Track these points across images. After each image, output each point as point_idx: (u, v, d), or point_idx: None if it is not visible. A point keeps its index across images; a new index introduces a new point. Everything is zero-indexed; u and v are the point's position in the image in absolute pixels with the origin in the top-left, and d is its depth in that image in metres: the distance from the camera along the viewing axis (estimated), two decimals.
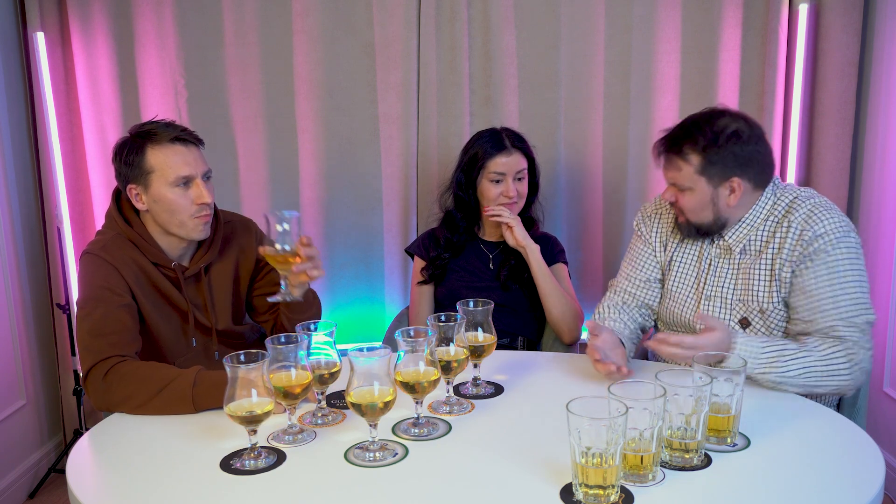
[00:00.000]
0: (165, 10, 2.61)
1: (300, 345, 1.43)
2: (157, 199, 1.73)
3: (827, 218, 1.70)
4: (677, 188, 1.78)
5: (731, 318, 1.81)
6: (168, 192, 1.71)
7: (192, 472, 1.34)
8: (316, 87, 2.66)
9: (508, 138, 2.21)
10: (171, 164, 1.71)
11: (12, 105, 2.63)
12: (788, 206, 1.77)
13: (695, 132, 1.73)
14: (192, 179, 1.73)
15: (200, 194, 1.73)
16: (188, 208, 1.73)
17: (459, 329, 1.51)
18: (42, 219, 2.78)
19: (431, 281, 2.30)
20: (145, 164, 1.72)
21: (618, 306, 1.97)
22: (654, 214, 2.00)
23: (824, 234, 1.68)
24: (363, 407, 1.31)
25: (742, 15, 2.60)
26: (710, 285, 1.84)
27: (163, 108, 2.66)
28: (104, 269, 1.72)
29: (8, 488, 2.57)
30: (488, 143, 2.21)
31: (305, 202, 2.74)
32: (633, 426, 1.20)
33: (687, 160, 1.73)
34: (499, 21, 2.60)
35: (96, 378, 1.60)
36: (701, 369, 1.31)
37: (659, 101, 2.69)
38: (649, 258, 1.97)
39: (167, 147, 1.71)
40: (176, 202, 1.72)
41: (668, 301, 1.93)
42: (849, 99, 2.56)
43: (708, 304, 1.84)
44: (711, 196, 1.74)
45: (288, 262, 1.67)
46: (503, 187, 2.19)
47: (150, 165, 1.71)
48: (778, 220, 1.77)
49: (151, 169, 1.71)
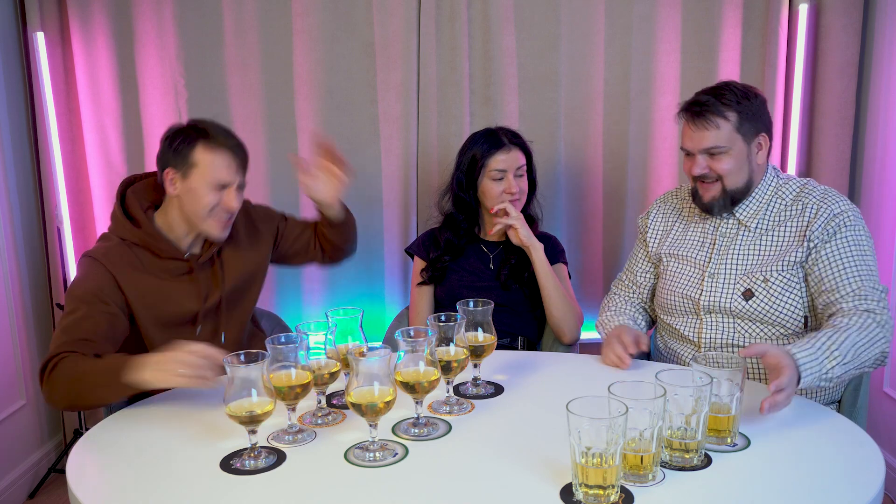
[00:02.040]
0: (165, 10, 2.61)
1: (300, 345, 1.43)
2: (191, 191, 1.79)
3: (842, 199, 1.82)
4: (710, 154, 1.82)
5: (734, 292, 1.85)
6: (203, 189, 1.78)
7: (192, 472, 1.34)
8: (316, 87, 2.66)
9: (505, 136, 2.22)
10: (216, 166, 1.78)
11: (12, 105, 2.63)
12: (799, 189, 1.87)
13: (724, 92, 1.81)
14: (229, 186, 1.80)
15: (230, 200, 1.81)
16: (215, 210, 1.81)
17: (459, 329, 1.51)
18: (42, 219, 2.78)
19: (431, 282, 2.30)
20: (192, 157, 1.78)
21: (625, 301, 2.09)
22: (654, 208, 2.10)
23: (842, 212, 1.78)
24: (363, 407, 1.31)
25: (742, 15, 2.60)
26: (715, 263, 1.89)
27: (163, 108, 2.66)
28: (100, 276, 1.75)
29: (8, 488, 2.57)
30: (486, 142, 2.21)
31: (305, 202, 2.74)
32: (633, 426, 1.20)
33: (725, 117, 1.80)
34: (499, 21, 2.60)
35: (45, 373, 1.61)
36: (701, 369, 1.32)
37: (659, 101, 2.69)
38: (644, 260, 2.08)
39: (218, 150, 1.79)
40: (206, 200, 1.79)
41: (670, 284, 1.96)
42: (849, 99, 2.56)
43: (711, 281, 1.88)
44: (747, 154, 1.83)
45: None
46: (505, 184, 2.19)
47: (196, 160, 1.78)
48: (789, 202, 1.86)
49: (196, 164, 1.78)
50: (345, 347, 1.53)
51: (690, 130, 1.84)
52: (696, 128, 1.82)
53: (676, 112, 1.90)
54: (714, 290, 1.87)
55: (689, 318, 1.92)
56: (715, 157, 1.83)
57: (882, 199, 2.50)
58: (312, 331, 1.51)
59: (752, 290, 1.83)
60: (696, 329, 1.90)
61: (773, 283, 1.81)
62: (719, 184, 1.85)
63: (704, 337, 1.88)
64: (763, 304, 1.82)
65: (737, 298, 1.84)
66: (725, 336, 1.87)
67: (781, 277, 1.81)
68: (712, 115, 1.80)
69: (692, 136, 1.84)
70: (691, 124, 1.84)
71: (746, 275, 1.85)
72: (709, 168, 1.84)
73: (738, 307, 1.84)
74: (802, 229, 1.81)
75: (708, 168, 1.84)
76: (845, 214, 1.78)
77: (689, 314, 1.92)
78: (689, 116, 1.84)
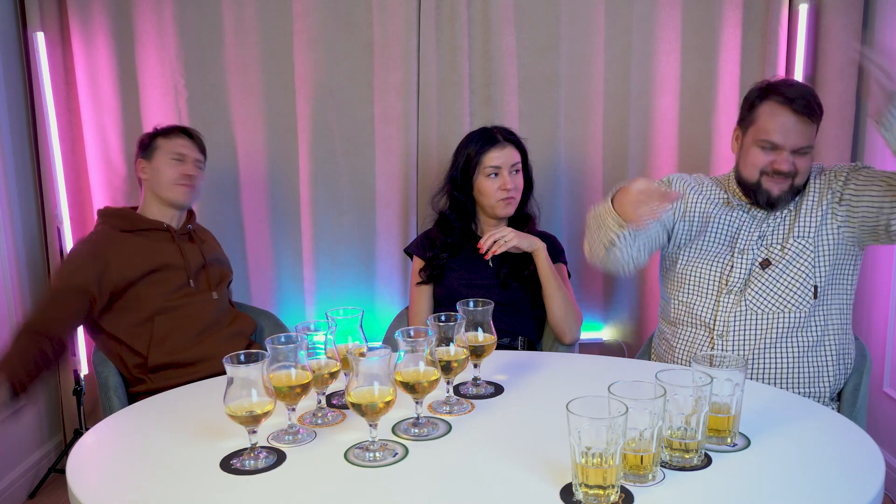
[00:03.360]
0: (165, 10, 2.61)
1: (300, 345, 1.43)
2: (156, 168, 2.21)
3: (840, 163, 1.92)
4: (799, 151, 1.82)
5: (754, 263, 1.89)
6: (165, 162, 2.21)
7: (192, 472, 1.34)
8: (316, 87, 2.66)
9: (500, 133, 2.23)
10: (173, 144, 2.23)
11: (12, 105, 2.63)
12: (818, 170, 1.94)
13: (806, 91, 1.82)
14: (186, 158, 2.22)
15: (188, 168, 2.22)
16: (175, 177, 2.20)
17: (459, 329, 1.51)
18: (42, 219, 2.78)
19: (430, 281, 2.29)
20: (154, 143, 2.23)
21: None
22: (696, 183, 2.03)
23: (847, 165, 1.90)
24: (363, 407, 1.31)
25: (742, 15, 2.60)
26: (743, 239, 1.91)
27: (163, 108, 2.66)
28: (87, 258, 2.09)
29: (8, 488, 2.57)
30: (480, 140, 2.22)
31: (305, 202, 2.74)
32: (633, 426, 1.20)
33: (819, 117, 1.82)
34: (499, 21, 2.60)
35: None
36: (701, 369, 1.32)
37: (659, 101, 2.69)
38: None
39: (173, 134, 2.25)
40: (169, 171, 2.20)
41: (698, 260, 1.96)
42: (849, 99, 2.56)
43: (741, 258, 1.90)
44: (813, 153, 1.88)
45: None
46: (500, 181, 2.19)
47: (158, 144, 2.23)
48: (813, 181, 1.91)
49: (158, 146, 2.22)
50: (345, 347, 1.53)
51: (789, 123, 1.78)
52: (798, 122, 1.78)
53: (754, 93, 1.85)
54: (742, 265, 1.89)
55: (708, 299, 1.93)
56: (801, 155, 1.82)
57: None
58: (312, 331, 1.51)
59: (770, 259, 1.86)
60: (712, 311, 1.91)
61: (788, 248, 1.84)
62: (790, 180, 1.84)
63: (720, 320, 1.89)
64: (777, 270, 1.85)
65: (755, 269, 1.87)
66: (739, 317, 1.88)
67: (797, 244, 1.84)
68: (815, 114, 1.78)
69: (791, 130, 1.79)
70: (791, 116, 1.78)
71: (765, 247, 1.88)
72: (793, 165, 1.82)
73: (756, 276, 1.87)
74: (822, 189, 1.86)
75: (793, 165, 1.82)
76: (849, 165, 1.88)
77: (709, 294, 1.93)
78: (790, 108, 1.78)
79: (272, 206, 2.77)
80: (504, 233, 2.12)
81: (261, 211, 2.77)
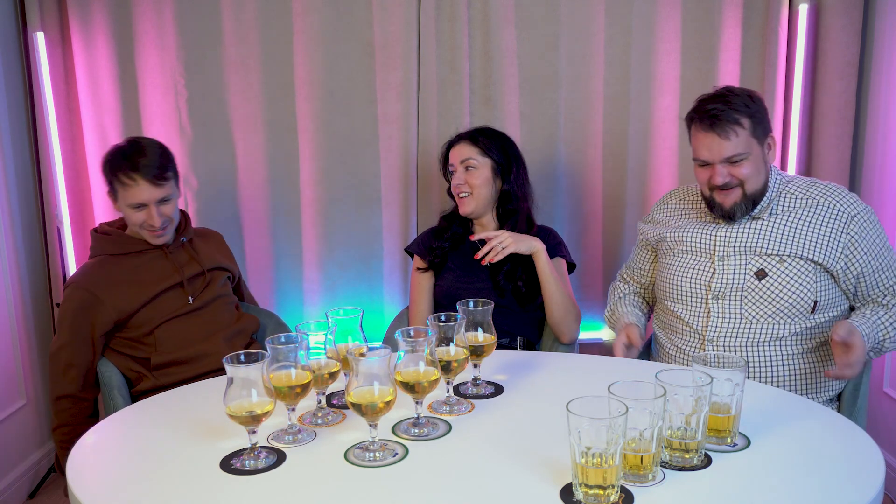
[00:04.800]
0: (165, 10, 2.61)
1: (300, 345, 1.43)
2: (122, 209, 2.09)
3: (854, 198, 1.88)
4: (731, 162, 1.82)
5: (747, 273, 1.86)
6: (127, 210, 2.07)
7: (192, 472, 1.34)
8: (316, 87, 2.66)
9: (464, 131, 2.30)
10: (130, 192, 2.03)
11: (12, 105, 2.63)
12: (808, 185, 1.91)
13: (731, 97, 1.82)
14: (146, 205, 2.04)
15: (151, 217, 2.05)
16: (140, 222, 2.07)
17: (459, 329, 1.51)
18: (42, 219, 2.78)
19: (431, 269, 2.29)
20: (114, 185, 2.06)
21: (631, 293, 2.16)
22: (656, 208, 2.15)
23: (858, 214, 1.85)
24: (363, 407, 1.31)
25: (742, 15, 2.60)
26: (723, 247, 1.90)
27: (163, 108, 2.66)
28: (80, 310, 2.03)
29: (8, 488, 2.57)
30: (448, 141, 2.31)
31: (305, 202, 2.74)
32: (633, 426, 1.20)
33: (741, 123, 1.80)
34: (499, 21, 2.60)
35: None
36: (701, 369, 1.32)
37: (659, 101, 2.69)
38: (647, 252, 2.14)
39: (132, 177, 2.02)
40: (133, 219, 2.08)
41: (677, 270, 1.97)
42: (849, 99, 2.56)
43: (723, 264, 1.89)
44: (762, 156, 1.85)
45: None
46: (457, 178, 2.21)
47: (117, 188, 2.06)
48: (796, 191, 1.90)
49: (117, 190, 2.06)
50: (345, 347, 1.53)
51: (707, 140, 1.81)
52: (714, 137, 1.80)
53: (685, 119, 1.90)
54: (726, 271, 1.88)
55: (697, 307, 1.92)
56: (735, 164, 1.82)
57: (882, 199, 2.50)
58: (312, 331, 1.51)
59: (766, 270, 1.84)
60: (703, 318, 1.90)
61: (788, 264, 1.83)
62: (739, 189, 1.84)
63: (711, 325, 1.88)
64: (776, 283, 1.83)
65: (749, 278, 1.85)
66: (732, 324, 1.87)
67: (797, 263, 1.83)
68: (729, 123, 1.78)
69: (710, 145, 1.81)
70: (707, 134, 1.81)
71: (759, 256, 1.86)
72: (731, 176, 1.83)
73: (750, 286, 1.85)
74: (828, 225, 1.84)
75: (730, 176, 1.83)
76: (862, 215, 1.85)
77: (697, 301, 1.92)
78: (703, 126, 1.81)
79: (272, 205, 2.77)
80: (501, 238, 2.11)
81: (261, 211, 2.77)
